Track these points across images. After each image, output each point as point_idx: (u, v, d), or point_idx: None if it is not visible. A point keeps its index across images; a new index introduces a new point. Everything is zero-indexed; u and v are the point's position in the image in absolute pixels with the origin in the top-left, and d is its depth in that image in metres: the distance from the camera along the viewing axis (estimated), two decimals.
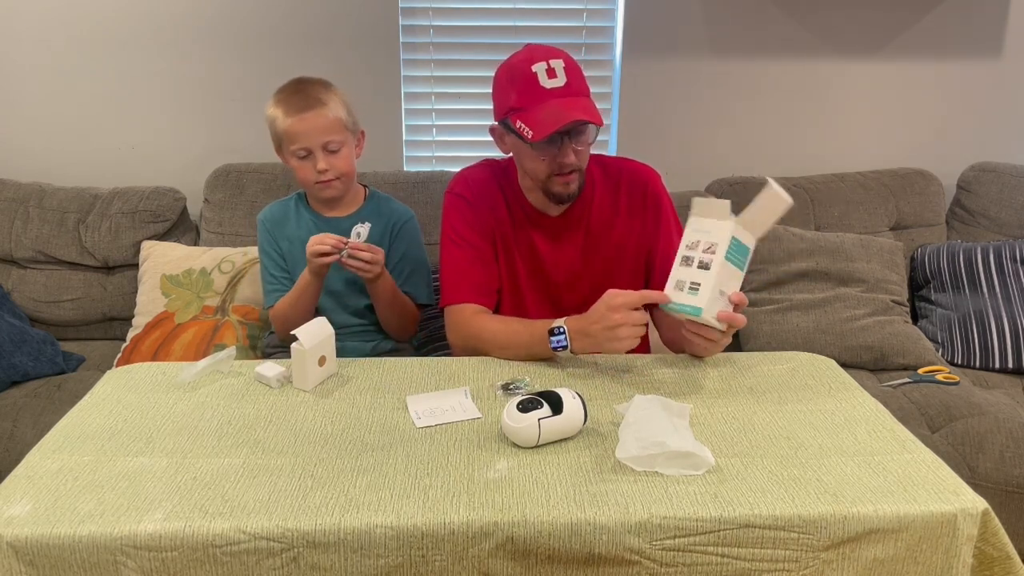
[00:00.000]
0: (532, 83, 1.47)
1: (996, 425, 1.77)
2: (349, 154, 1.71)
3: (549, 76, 1.47)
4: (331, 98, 1.67)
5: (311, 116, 1.64)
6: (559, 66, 1.47)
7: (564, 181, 1.54)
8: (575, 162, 1.52)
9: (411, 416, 1.29)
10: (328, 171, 1.67)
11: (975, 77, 2.51)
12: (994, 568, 1.09)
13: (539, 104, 1.46)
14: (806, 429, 1.25)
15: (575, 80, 1.49)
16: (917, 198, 2.40)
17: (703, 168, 2.48)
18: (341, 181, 1.71)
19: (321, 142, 1.66)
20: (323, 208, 1.79)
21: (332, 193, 1.73)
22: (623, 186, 1.66)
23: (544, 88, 1.46)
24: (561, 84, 1.47)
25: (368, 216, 1.78)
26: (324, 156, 1.67)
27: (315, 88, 1.68)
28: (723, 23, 2.41)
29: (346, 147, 1.69)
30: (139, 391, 1.36)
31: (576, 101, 1.47)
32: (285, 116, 1.66)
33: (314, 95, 1.66)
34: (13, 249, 2.23)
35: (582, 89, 1.50)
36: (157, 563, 1.01)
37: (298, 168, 1.70)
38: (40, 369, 2.01)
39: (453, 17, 2.41)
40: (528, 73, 1.47)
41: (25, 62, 2.34)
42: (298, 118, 1.65)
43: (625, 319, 1.37)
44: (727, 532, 1.04)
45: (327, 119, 1.65)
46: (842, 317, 2.13)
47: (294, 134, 1.66)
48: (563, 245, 1.65)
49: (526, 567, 1.04)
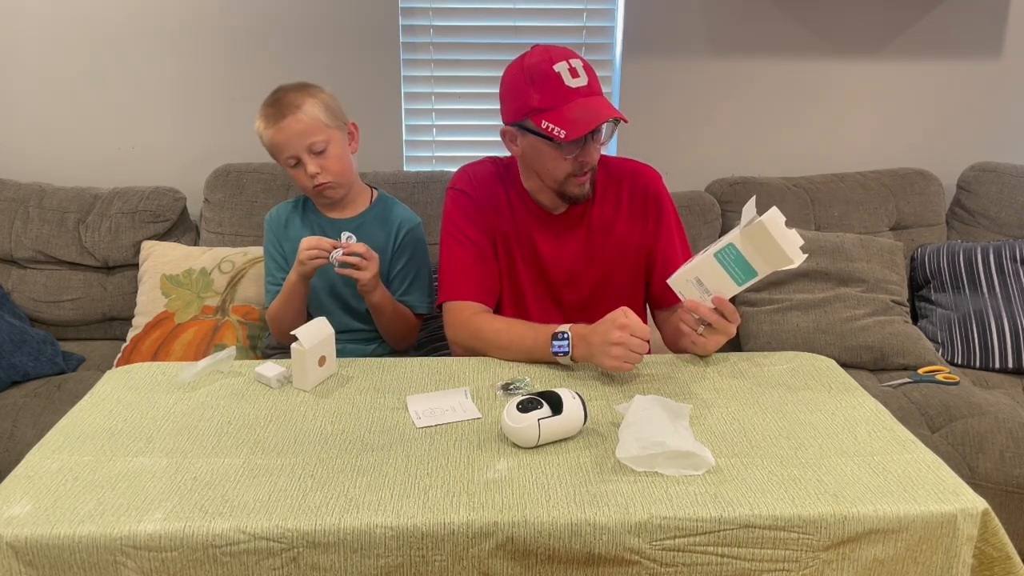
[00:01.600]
0: (557, 83, 1.46)
1: (996, 425, 1.77)
2: (339, 152, 1.69)
3: (572, 76, 1.46)
4: (305, 100, 1.66)
5: (288, 123, 1.64)
6: (579, 66, 1.48)
7: (580, 182, 1.55)
8: (595, 161, 1.53)
9: (411, 416, 1.29)
10: (320, 173, 1.67)
11: (975, 77, 2.51)
12: (994, 568, 1.09)
13: (567, 104, 1.45)
14: (806, 429, 1.25)
15: (594, 79, 1.49)
16: (917, 198, 2.40)
17: (703, 168, 2.48)
18: (338, 181, 1.71)
19: (304, 146, 1.65)
20: (327, 210, 1.79)
21: (332, 195, 1.73)
22: (625, 186, 1.66)
23: (570, 88, 1.46)
24: (585, 83, 1.47)
25: (373, 219, 1.78)
26: (311, 159, 1.66)
27: (289, 95, 1.67)
28: (723, 23, 2.41)
29: (333, 145, 1.67)
30: (139, 391, 1.36)
31: (601, 100, 1.49)
32: (266, 128, 1.67)
33: (287, 102, 1.65)
34: (13, 249, 2.23)
35: (600, 88, 1.51)
36: (157, 563, 1.01)
37: (294, 176, 1.71)
38: (40, 369, 2.01)
39: (453, 17, 2.41)
40: (551, 73, 1.46)
41: (25, 62, 2.34)
42: (276, 128, 1.65)
43: (623, 339, 1.36)
44: (727, 532, 1.04)
45: (303, 123, 1.64)
46: (842, 317, 2.13)
47: (278, 145, 1.67)
48: (565, 244, 1.65)
49: (526, 567, 1.04)
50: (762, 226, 1.32)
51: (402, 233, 1.78)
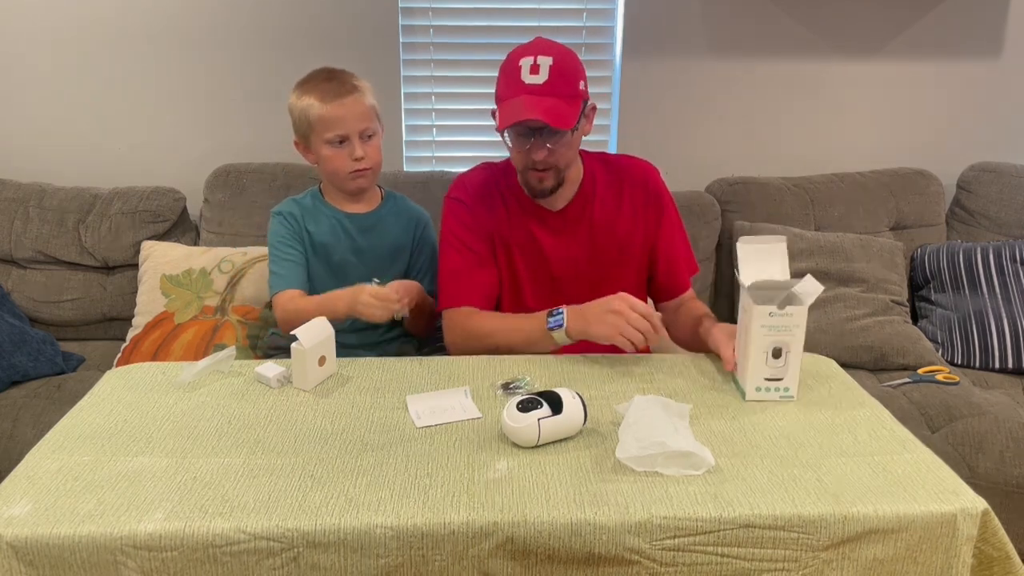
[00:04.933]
0: (514, 76, 1.50)
1: (996, 425, 1.77)
2: (379, 145, 1.71)
3: (531, 72, 1.49)
4: (364, 86, 1.68)
5: (350, 102, 1.63)
6: (546, 63, 1.49)
7: (537, 177, 1.57)
8: (544, 160, 1.54)
9: (411, 416, 1.29)
10: (364, 159, 1.66)
11: (975, 77, 2.51)
12: (994, 568, 1.09)
13: (514, 97, 1.50)
14: (806, 429, 1.25)
15: (557, 80, 1.49)
16: (917, 198, 2.40)
17: (703, 168, 2.48)
18: (373, 172, 1.71)
19: (359, 128, 1.65)
20: (344, 203, 1.76)
21: (363, 184, 1.71)
22: (625, 183, 1.67)
23: (522, 83, 1.50)
24: (539, 82, 1.49)
25: (389, 214, 1.78)
26: (360, 144, 1.65)
27: (347, 76, 1.68)
28: (723, 23, 2.41)
29: (377, 137, 1.69)
30: (139, 391, 1.36)
31: (543, 100, 1.49)
32: (322, 103, 1.63)
33: (349, 82, 1.66)
34: (13, 249, 2.23)
35: (561, 91, 1.50)
36: (157, 563, 1.01)
37: (331, 157, 1.66)
38: (40, 369, 2.01)
39: (453, 17, 2.41)
40: (515, 66, 1.51)
41: (25, 62, 2.34)
42: (337, 103, 1.63)
43: (622, 310, 1.39)
44: (727, 532, 1.04)
45: (364, 106, 1.65)
46: (842, 317, 2.13)
47: (332, 120, 1.63)
48: (567, 241, 1.66)
49: (526, 567, 1.04)
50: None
51: (420, 228, 1.81)
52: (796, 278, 1.32)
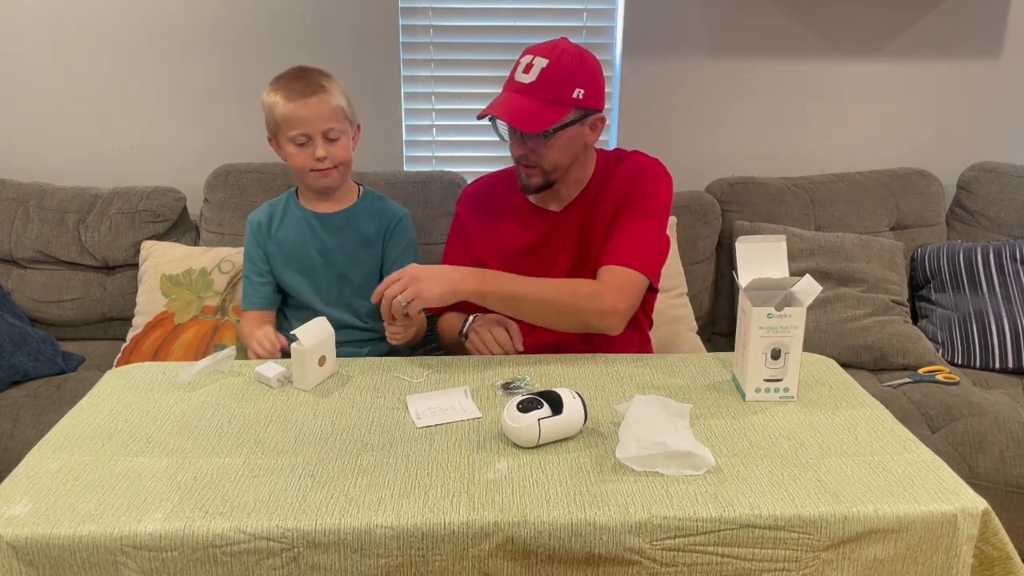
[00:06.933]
0: (512, 72, 1.55)
1: (996, 425, 1.77)
2: (347, 145, 1.70)
3: (524, 71, 1.52)
4: (333, 86, 1.67)
5: (314, 102, 1.63)
6: (540, 65, 1.50)
7: (525, 172, 1.60)
8: (524, 157, 1.56)
9: (411, 416, 1.29)
10: (326, 159, 1.66)
11: (975, 77, 2.51)
12: (994, 568, 1.09)
13: (503, 93, 1.55)
14: (806, 429, 1.25)
15: (545, 83, 1.50)
16: (917, 198, 2.40)
17: (703, 168, 2.47)
18: (338, 171, 1.70)
19: (322, 129, 1.65)
20: (316, 203, 1.77)
21: (328, 182, 1.71)
22: (619, 180, 1.66)
23: (513, 80, 1.53)
24: (527, 82, 1.51)
25: (362, 212, 1.77)
26: (323, 144, 1.65)
27: (317, 75, 1.68)
28: (723, 23, 2.41)
29: (344, 137, 1.69)
30: (139, 391, 1.37)
31: (520, 100, 1.50)
32: (287, 101, 1.64)
33: (316, 81, 1.66)
34: (13, 249, 2.23)
35: (544, 94, 1.50)
36: (157, 563, 1.01)
37: (294, 155, 1.68)
38: (40, 369, 2.01)
39: (453, 17, 2.41)
40: (517, 62, 1.55)
41: (25, 62, 2.34)
42: (300, 103, 1.63)
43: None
44: (727, 532, 1.04)
45: (329, 106, 1.65)
46: (842, 317, 2.13)
47: (295, 119, 1.64)
48: (565, 240, 1.66)
49: (526, 567, 1.04)
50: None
51: (392, 226, 1.80)
52: (795, 278, 1.32)
